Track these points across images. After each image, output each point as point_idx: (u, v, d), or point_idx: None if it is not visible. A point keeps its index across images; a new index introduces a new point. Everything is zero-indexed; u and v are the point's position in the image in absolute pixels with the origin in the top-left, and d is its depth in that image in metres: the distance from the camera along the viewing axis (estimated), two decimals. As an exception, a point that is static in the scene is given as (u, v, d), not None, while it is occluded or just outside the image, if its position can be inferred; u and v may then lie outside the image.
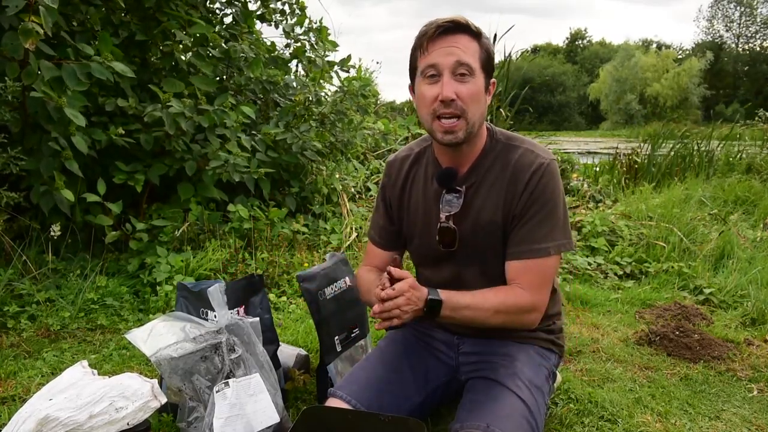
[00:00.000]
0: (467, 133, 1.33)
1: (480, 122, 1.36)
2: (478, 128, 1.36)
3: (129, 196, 3.07)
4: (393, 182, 1.56)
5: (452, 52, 1.28)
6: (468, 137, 1.34)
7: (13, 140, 2.66)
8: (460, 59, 1.28)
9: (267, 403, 1.47)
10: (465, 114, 1.30)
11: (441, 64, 1.29)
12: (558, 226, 1.37)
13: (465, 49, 1.29)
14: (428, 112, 1.33)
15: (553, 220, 1.36)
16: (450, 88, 1.28)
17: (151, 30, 3.24)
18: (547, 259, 1.36)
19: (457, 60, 1.28)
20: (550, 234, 1.36)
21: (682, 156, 6.39)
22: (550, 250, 1.36)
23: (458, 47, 1.29)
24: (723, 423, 1.75)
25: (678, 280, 3.18)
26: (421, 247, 1.53)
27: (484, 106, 1.35)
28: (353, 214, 3.81)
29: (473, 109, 1.31)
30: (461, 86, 1.29)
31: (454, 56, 1.28)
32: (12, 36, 2.40)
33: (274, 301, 2.78)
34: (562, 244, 1.37)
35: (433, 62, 1.30)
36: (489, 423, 1.25)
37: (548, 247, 1.35)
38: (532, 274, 1.36)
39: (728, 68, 49.88)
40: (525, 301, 1.36)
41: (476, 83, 1.30)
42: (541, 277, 1.37)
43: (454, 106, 1.29)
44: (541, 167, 1.36)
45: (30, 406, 1.36)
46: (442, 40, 1.29)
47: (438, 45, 1.29)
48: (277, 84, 3.78)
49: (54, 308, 2.51)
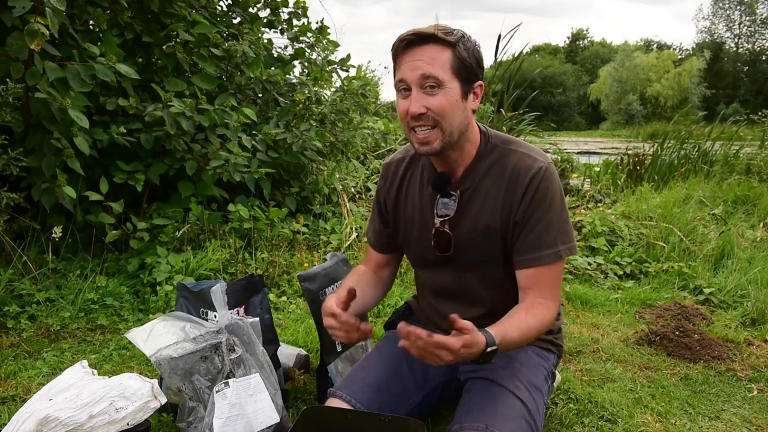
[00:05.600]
0: (444, 143, 1.31)
1: (460, 130, 1.33)
2: (458, 136, 1.33)
3: (129, 196, 3.08)
4: (389, 185, 1.55)
5: (417, 66, 1.26)
6: (446, 146, 1.32)
7: (14, 141, 2.66)
8: (425, 72, 1.25)
9: (267, 403, 1.48)
10: (440, 124, 1.29)
11: (408, 79, 1.27)
12: (563, 229, 1.37)
13: (431, 60, 1.26)
14: (404, 125, 1.34)
15: (558, 224, 1.36)
16: (418, 103, 1.26)
17: (156, 31, 3.25)
18: (558, 264, 1.37)
19: (421, 74, 1.25)
20: (558, 238, 1.36)
21: (687, 156, 6.39)
22: (561, 254, 1.36)
23: (423, 60, 1.26)
24: (723, 423, 1.75)
25: (678, 280, 3.18)
26: (418, 251, 1.53)
27: (463, 113, 1.32)
28: (353, 214, 3.81)
29: (448, 119, 1.29)
30: (430, 99, 1.27)
31: (419, 70, 1.26)
32: (17, 36, 2.40)
33: (274, 301, 2.78)
34: (570, 247, 1.38)
35: (401, 77, 1.29)
36: (488, 424, 1.25)
37: (558, 251, 1.36)
38: (547, 281, 1.37)
39: (728, 68, 49.82)
40: (553, 312, 1.37)
41: (447, 93, 1.27)
42: (554, 282, 1.39)
43: (425, 119, 1.28)
44: (539, 172, 1.35)
45: (30, 406, 1.36)
46: (408, 54, 1.28)
47: (405, 59, 1.28)
48: (277, 84, 3.78)
49: (54, 308, 2.52)
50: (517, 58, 6.67)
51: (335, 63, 4.25)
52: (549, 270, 1.36)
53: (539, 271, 1.36)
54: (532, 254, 1.36)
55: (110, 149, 2.98)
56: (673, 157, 6.35)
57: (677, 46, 59.02)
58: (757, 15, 51.16)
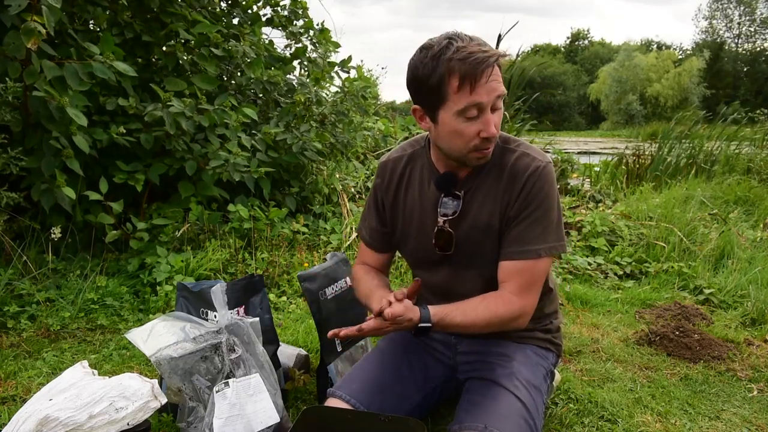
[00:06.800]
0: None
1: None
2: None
3: (129, 196, 3.08)
4: (386, 184, 1.54)
5: (495, 88, 1.23)
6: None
7: (13, 140, 2.66)
8: (500, 93, 1.24)
9: (267, 403, 1.48)
10: (496, 139, 1.31)
11: (485, 102, 1.23)
12: (551, 228, 1.36)
13: (500, 78, 1.24)
14: (465, 145, 1.30)
15: (545, 223, 1.35)
16: (493, 125, 1.25)
17: (156, 31, 3.25)
18: (537, 261, 1.36)
19: (497, 95, 1.24)
20: (542, 236, 1.35)
21: (686, 156, 6.38)
22: (541, 252, 1.35)
23: (497, 80, 1.23)
24: (723, 423, 1.75)
25: (678, 280, 3.18)
26: (417, 250, 1.52)
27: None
28: (353, 214, 3.81)
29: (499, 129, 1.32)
30: (496, 116, 1.27)
31: (497, 91, 1.23)
32: (14, 35, 2.40)
33: (274, 301, 2.78)
34: (554, 246, 1.36)
35: (478, 101, 1.22)
36: (487, 423, 1.25)
37: (539, 249, 1.35)
38: (522, 277, 1.36)
39: (728, 68, 49.83)
40: (514, 308, 1.35)
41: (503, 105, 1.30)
42: (530, 280, 1.37)
43: (493, 139, 1.29)
44: (537, 170, 1.35)
45: (30, 406, 1.36)
46: (488, 76, 1.21)
47: (482, 83, 1.21)
48: (277, 84, 3.78)
49: (54, 308, 2.52)
50: (514, 61, 6.64)
51: (336, 64, 4.25)
52: (527, 266, 1.35)
53: (516, 265, 1.36)
54: (513, 248, 1.36)
55: (110, 149, 2.98)
56: (672, 157, 6.35)
57: (677, 46, 59.06)
58: (756, 15, 51.19)
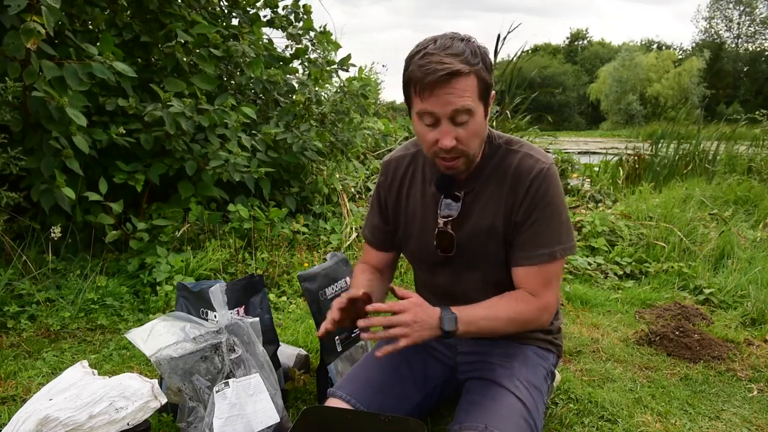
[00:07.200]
0: (467, 163, 1.33)
1: (480, 147, 1.35)
2: (479, 150, 1.35)
3: (129, 196, 3.08)
4: (389, 182, 1.54)
5: (449, 101, 1.19)
6: (469, 163, 1.34)
7: (13, 140, 2.66)
8: (457, 107, 1.20)
9: (267, 403, 1.48)
10: (465, 152, 1.28)
11: (439, 113, 1.21)
12: (561, 229, 1.36)
13: (462, 92, 1.19)
14: (429, 150, 1.30)
15: (555, 224, 1.36)
16: (449, 137, 1.23)
17: (155, 31, 3.25)
18: (551, 264, 1.36)
19: (454, 109, 1.20)
20: (554, 238, 1.35)
21: (686, 155, 6.37)
22: (556, 254, 1.35)
23: (454, 94, 1.19)
24: (723, 423, 1.75)
25: (678, 280, 3.18)
26: (418, 251, 1.51)
27: (484, 130, 1.32)
28: (353, 214, 3.81)
29: (474, 144, 1.29)
30: (460, 130, 1.24)
31: (452, 105, 1.20)
32: (13, 35, 2.40)
33: (274, 301, 2.78)
34: (567, 247, 1.37)
35: (429, 110, 1.22)
36: (487, 424, 1.25)
37: (554, 251, 1.35)
38: (539, 278, 1.36)
39: (728, 68, 49.81)
40: (535, 305, 1.36)
41: (475, 120, 1.24)
42: (548, 281, 1.37)
43: (454, 151, 1.26)
44: (541, 172, 1.35)
45: (30, 406, 1.36)
46: (437, 88, 1.19)
47: (434, 92, 1.19)
48: (277, 84, 3.78)
49: (54, 308, 2.52)
50: (513, 62, 6.65)
51: (335, 63, 4.24)
52: (542, 269, 1.36)
53: (531, 270, 1.36)
54: (526, 252, 1.36)
55: (110, 149, 2.98)
56: (672, 157, 6.34)
57: (677, 46, 59.05)
58: (756, 15, 51.18)
